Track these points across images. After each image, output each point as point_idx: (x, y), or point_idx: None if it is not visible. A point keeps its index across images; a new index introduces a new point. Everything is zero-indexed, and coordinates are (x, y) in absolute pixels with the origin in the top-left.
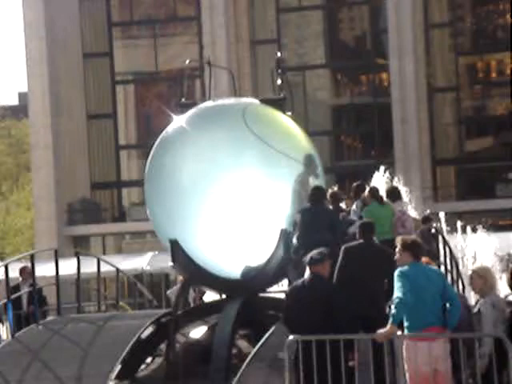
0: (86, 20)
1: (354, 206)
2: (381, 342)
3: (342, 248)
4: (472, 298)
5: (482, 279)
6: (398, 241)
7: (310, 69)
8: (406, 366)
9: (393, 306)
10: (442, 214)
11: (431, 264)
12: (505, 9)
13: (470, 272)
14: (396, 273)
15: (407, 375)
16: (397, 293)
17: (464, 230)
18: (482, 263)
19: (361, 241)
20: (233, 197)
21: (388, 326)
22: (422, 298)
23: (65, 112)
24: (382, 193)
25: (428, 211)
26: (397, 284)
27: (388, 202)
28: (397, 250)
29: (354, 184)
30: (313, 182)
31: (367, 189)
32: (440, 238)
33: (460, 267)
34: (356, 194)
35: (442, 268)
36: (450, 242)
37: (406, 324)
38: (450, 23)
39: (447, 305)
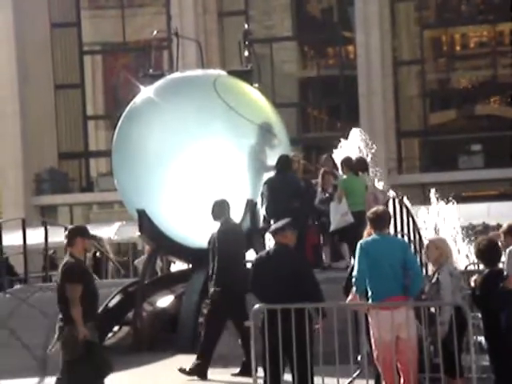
0: None
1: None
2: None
3: None
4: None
5: (438, 250)
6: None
7: (277, 41)
8: (371, 334)
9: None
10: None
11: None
12: None
13: (425, 242)
14: (358, 245)
15: (372, 342)
16: (356, 265)
17: (427, 201)
18: (440, 234)
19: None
20: (200, 166)
21: (351, 295)
22: (384, 268)
23: (32, 81)
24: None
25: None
26: (357, 256)
27: (363, 175)
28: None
29: (324, 156)
30: (281, 152)
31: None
32: (404, 208)
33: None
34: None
35: (406, 238)
36: (413, 212)
37: (369, 294)
38: None
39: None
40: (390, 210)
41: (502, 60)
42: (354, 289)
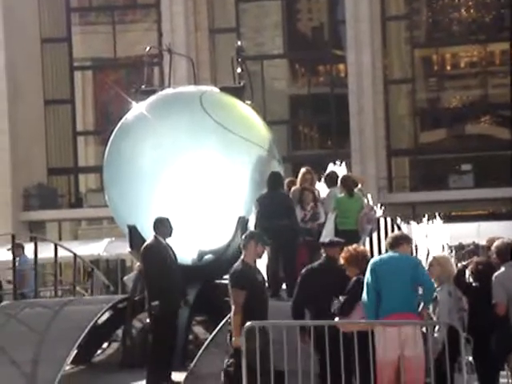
0: (44, 5)
1: (325, 195)
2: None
3: None
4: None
5: (441, 267)
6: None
7: (268, 58)
8: (376, 352)
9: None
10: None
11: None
12: (460, 3)
13: (429, 259)
14: (368, 265)
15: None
16: (365, 286)
17: (417, 220)
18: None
19: None
20: (191, 183)
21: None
22: (392, 285)
23: (22, 97)
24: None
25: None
26: (366, 277)
27: (358, 193)
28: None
29: (327, 172)
30: (273, 169)
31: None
32: (396, 228)
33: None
34: (331, 182)
35: None
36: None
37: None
38: (406, 16)
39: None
40: (382, 228)
41: (492, 80)
42: (365, 312)
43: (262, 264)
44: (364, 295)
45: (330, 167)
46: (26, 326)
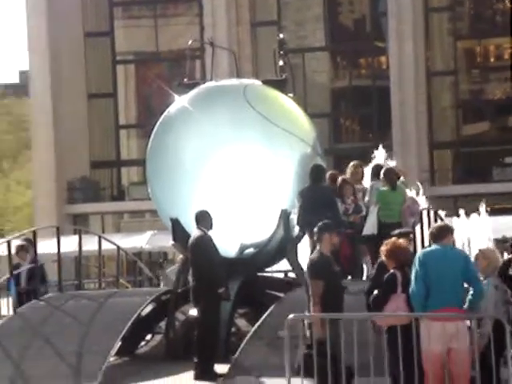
0: None
1: (368, 187)
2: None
3: None
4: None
5: (486, 260)
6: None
7: (310, 51)
8: (421, 345)
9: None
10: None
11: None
12: None
13: (475, 252)
14: (416, 256)
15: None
16: (413, 277)
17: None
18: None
19: None
20: (234, 176)
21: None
22: (439, 280)
23: (65, 91)
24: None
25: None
26: (414, 268)
27: (401, 186)
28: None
29: (373, 165)
30: (315, 162)
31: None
32: (439, 220)
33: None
34: (374, 175)
35: None
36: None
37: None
38: (449, 7)
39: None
40: (425, 221)
41: None
42: (413, 302)
43: (304, 256)
44: (412, 287)
45: (378, 152)
46: (70, 317)
